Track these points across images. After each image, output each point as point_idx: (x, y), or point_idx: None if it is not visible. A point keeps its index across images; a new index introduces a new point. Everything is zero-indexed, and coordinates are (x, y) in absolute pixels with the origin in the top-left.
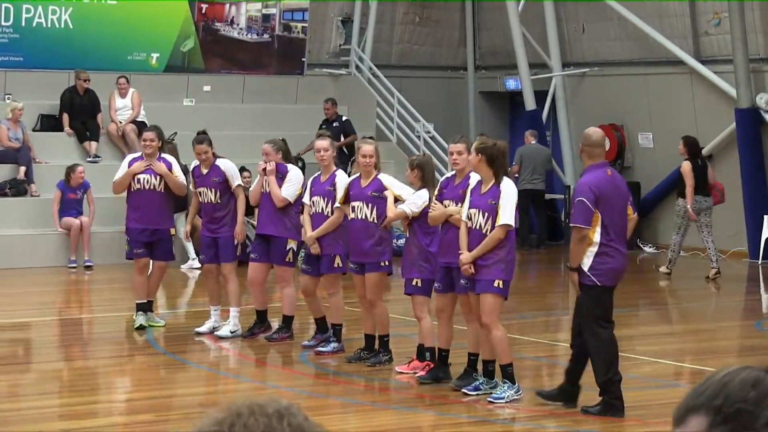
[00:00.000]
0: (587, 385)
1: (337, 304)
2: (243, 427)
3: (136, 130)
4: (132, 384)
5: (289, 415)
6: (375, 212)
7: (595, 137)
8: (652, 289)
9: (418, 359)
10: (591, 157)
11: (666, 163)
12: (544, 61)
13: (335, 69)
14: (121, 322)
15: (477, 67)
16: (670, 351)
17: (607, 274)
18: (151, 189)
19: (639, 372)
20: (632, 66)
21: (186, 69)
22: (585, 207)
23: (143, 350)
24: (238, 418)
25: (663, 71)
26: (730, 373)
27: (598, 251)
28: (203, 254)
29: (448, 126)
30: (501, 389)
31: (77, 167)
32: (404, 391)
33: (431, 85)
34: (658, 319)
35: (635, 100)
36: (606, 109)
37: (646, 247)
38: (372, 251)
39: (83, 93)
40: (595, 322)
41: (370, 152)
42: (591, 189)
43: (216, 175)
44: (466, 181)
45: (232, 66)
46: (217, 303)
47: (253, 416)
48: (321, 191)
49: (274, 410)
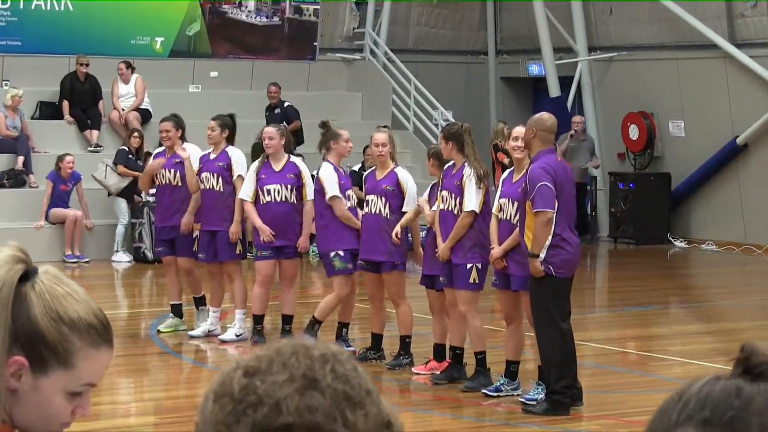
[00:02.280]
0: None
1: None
2: (281, 365)
3: (140, 118)
4: (135, 385)
5: (335, 361)
6: (389, 207)
7: (550, 122)
8: (683, 285)
9: (435, 359)
10: (544, 143)
11: (698, 153)
12: (569, 45)
13: (349, 54)
14: (119, 320)
15: (498, 51)
16: (703, 351)
17: (561, 265)
18: (167, 184)
19: (669, 373)
20: (663, 50)
21: (192, 54)
22: (549, 190)
23: (147, 349)
24: (278, 356)
25: (695, 55)
26: (707, 383)
27: (551, 243)
28: (202, 252)
29: (467, 114)
30: (534, 390)
31: (66, 157)
32: (420, 393)
33: (450, 70)
34: (690, 317)
35: (666, 86)
36: (635, 96)
37: (677, 241)
38: (386, 249)
39: (84, 79)
40: (551, 317)
41: (382, 140)
42: (548, 172)
43: (222, 160)
44: (460, 172)
45: (240, 51)
46: (218, 305)
47: (295, 356)
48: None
49: (320, 354)
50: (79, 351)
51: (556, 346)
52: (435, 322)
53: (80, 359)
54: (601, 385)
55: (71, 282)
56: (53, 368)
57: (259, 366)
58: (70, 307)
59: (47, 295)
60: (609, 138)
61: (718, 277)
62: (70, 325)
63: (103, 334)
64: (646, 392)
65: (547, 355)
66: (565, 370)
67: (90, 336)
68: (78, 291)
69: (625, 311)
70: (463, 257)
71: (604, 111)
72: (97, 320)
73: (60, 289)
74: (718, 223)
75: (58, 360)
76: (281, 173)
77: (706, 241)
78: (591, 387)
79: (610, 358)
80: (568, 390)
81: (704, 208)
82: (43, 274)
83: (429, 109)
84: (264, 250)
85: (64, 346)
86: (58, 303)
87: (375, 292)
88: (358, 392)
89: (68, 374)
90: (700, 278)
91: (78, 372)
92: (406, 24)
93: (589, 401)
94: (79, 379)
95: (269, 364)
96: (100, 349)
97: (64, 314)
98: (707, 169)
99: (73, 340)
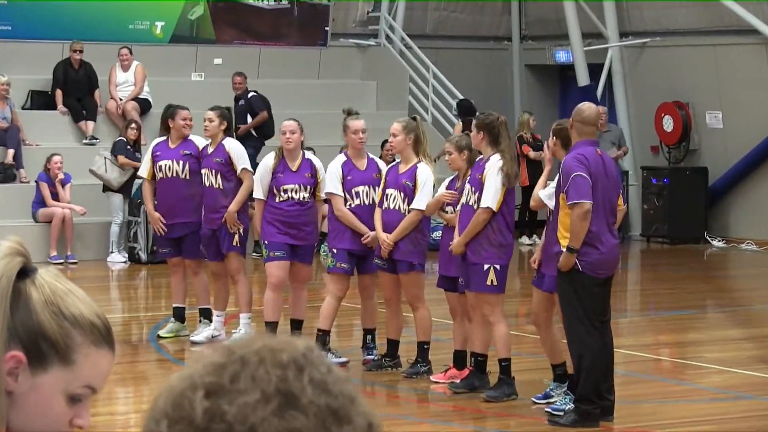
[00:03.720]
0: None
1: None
2: (250, 379)
3: (138, 108)
4: (134, 394)
5: (309, 366)
6: (407, 203)
7: (588, 113)
8: (721, 288)
9: (455, 367)
10: (581, 135)
11: (737, 146)
12: (599, 30)
13: (363, 39)
14: (115, 325)
15: (523, 37)
16: (742, 358)
17: (592, 264)
18: (174, 177)
19: (706, 382)
20: (699, 36)
21: (194, 40)
22: (583, 180)
23: (146, 356)
24: (243, 368)
25: (734, 41)
26: None
27: (586, 238)
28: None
29: (489, 103)
30: (562, 400)
31: (53, 157)
32: (439, 403)
33: (471, 57)
34: (729, 322)
35: (702, 74)
36: (669, 85)
37: (715, 241)
38: (402, 248)
39: (78, 67)
40: (578, 317)
41: (393, 130)
42: (582, 162)
43: (220, 155)
44: (485, 164)
45: (246, 36)
46: (223, 308)
47: (263, 366)
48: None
49: (290, 359)
50: (80, 347)
51: (585, 350)
52: (456, 326)
53: (81, 356)
54: (633, 395)
55: (72, 283)
56: (53, 364)
57: (222, 382)
58: (71, 303)
59: (47, 290)
60: (641, 130)
61: (759, 278)
62: (71, 320)
63: (105, 335)
64: (681, 402)
65: (573, 359)
66: (592, 377)
67: (92, 334)
68: (79, 291)
69: (658, 315)
70: (479, 256)
71: (637, 101)
72: (100, 321)
73: (61, 286)
74: (758, 220)
75: (58, 355)
76: (299, 173)
77: (746, 240)
78: (622, 397)
79: (642, 366)
80: (598, 400)
81: (744, 204)
82: (44, 272)
83: (448, 98)
84: (277, 251)
85: (65, 341)
86: (60, 298)
87: (392, 294)
88: (342, 402)
89: (68, 372)
90: (740, 280)
91: (79, 370)
92: (424, 8)
93: (620, 412)
94: (79, 378)
95: (234, 379)
96: (101, 349)
97: (66, 309)
98: (747, 163)
99: (74, 335)
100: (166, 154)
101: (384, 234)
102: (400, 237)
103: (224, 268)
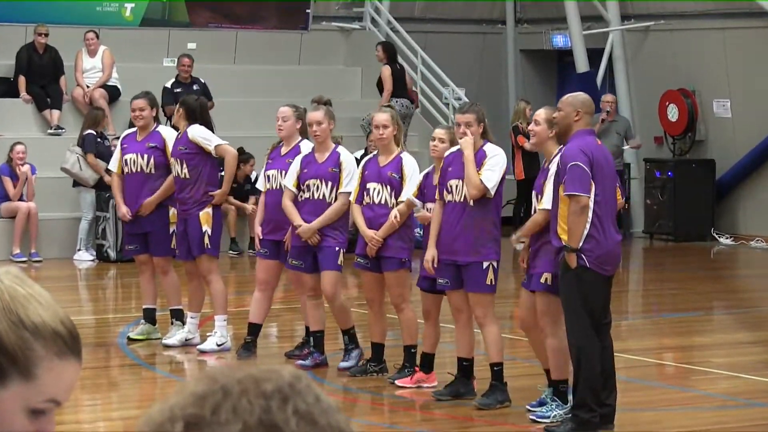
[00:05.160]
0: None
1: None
2: (231, 411)
3: (107, 96)
4: (102, 401)
5: (295, 396)
6: (395, 196)
7: (589, 102)
8: (729, 289)
9: (422, 371)
10: (584, 124)
11: (746, 136)
12: (599, 12)
13: (346, 23)
14: (83, 327)
15: (518, 20)
16: (751, 363)
17: (595, 260)
18: (138, 172)
19: (713, 388)
20: (706, 19)
21: (167, 23)
22: (582, 171)
23: (116, 361)
24: (225, 398)
25: (744, 25)
26: None
27: (589, 233)
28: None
29: (482, 92)
30: (548, 407)
31: (16, 146)
32: (428, 410)
33: (462, 42)
34: (737, 324)
35: (710, 60)
36: (674, 71)
37: (723, 238)
38: (391, 244)
39: (43, 51)
40: (586, 320)
41: (383, 121)
42: (584, 152)
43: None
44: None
45: (222, 19)
46: (198, 310)
47: (246, 396)
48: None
49: (275, 389)
50: (42, 360)
51: (583, 355)
52: (427, 328)
53: (43, 370)
54: (635, 402)
55: (36, 285)
56: (12, 379)
57: (203, 414)
58: (33, 310)
59: (6, 296)
60: (644, 119)
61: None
62: (32, 330)
63: (70, 344)
64: (686, 410)
65: (573, 363)
66: (590, 382)
67: (55, 344)
68: (43, 295)
69: (662, 318)
70: (478, 254)
71: (639, 89)
72: (65, 328)
73: (22, 290)
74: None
75: (18, 369)
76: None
77: (755, 237)
78: (623, 404)
79: (645, 371)
80: (597, 407)
81: (753, 199)
82: (3, 274)
83: (438, 86)
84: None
85: (24, 354)
86: (20, 305)
87: (374, 294)
88: None
89: (29, 387)
90: (749, 280)
91: (40, 385)
92: None
93: (621, 420)
94: (42, 393)
95: (215, 410)
96: (66, 360)
97: (26, 318)
98: (757, 155)
99: (36, 347)
100: (132, 147)
101: (371, 231)
102: (389, 233)
103: (196, 266)
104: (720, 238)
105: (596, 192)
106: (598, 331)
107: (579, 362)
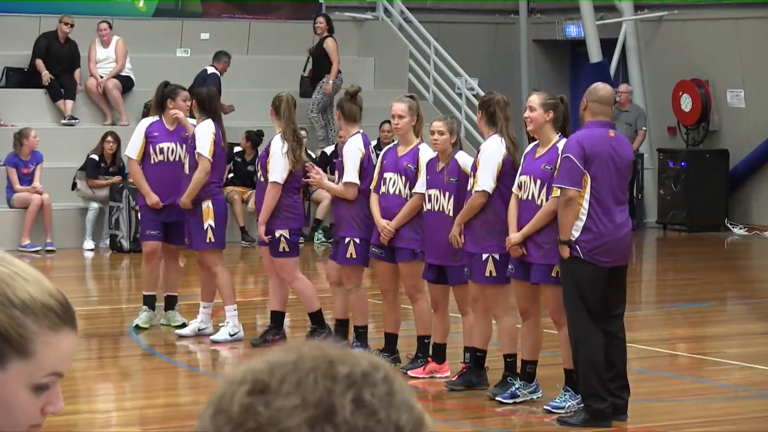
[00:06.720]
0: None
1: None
2: (295, 385)
3: (120, 86)
4: (116, 391)
5: (364, 385)
6: (409, 187)
7: (602, 92)
8: (743, 279)
9: (435, 361)
10: (594, 115)
11: (760, 127)
12: (612, 2)
13: (359, 13)
14: (95, 317)
15: (531, 10)
16: (765, 354)
17: (591, 252)
18: (177, 161)
19: (727, 379)
20: (720, 8)
21: (180, 13)
22: (571, 164)
23: (127, 351)
24: (293, 372)
25: (758, 14)
26: None
27: (585, 224)
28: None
29: (494, 81)
30: (561, 397)
31: (29, 132)
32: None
33: (475, 32)
34: (751, 315)
35: (723, 50)
36: (687, 61)
37: (737, 228)
38: (404, 234)
39: (64, 41)
40: (583, 311)
41: (399, 111)
42: (580, 144)
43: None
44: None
45: (235, 10)
46: (210, 299)
47: (314, 374)
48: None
49: (346, 374)
50: (36, 336)
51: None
52: (437, 319)
53: (39, 345)
54: (648, 393)
55: (19, 262)
56: (10, 360)
57: (269, 382)
58: (19, 288)
59: None
60: (658, 109)
61: None
62: (21, 307)
63: (62, 315)
64: (700, 401)
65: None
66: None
67: (47, 318)
68: (28, 270)
69: (675, 308)
70: (477, 245)
71: (652, 78)
72: (55, 300)
73: (5, 269)
74: None
75: (14, 349)
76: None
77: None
78: (636, 395)
79: (658, 362)
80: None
81: (767, 189)
82: None
83: (451, 76)
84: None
85: (18, 332)
86: (5, 284)
87: (388, 285)
88: (385, 428)
89: (29, 364)
90: (763, 270)
91: (39, 360)
92: None
93: (634, 411)
94: (42, 368)
95: (281, 381)
96: (60, 332)
97: (14, 296)
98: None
99: (28, 324)
100: (166, 137)
101: (384, 220)
102: (402, 223)
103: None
104: (733, 228)
105: (593, 182)
106: (605, 323)
107: (577, 353)
